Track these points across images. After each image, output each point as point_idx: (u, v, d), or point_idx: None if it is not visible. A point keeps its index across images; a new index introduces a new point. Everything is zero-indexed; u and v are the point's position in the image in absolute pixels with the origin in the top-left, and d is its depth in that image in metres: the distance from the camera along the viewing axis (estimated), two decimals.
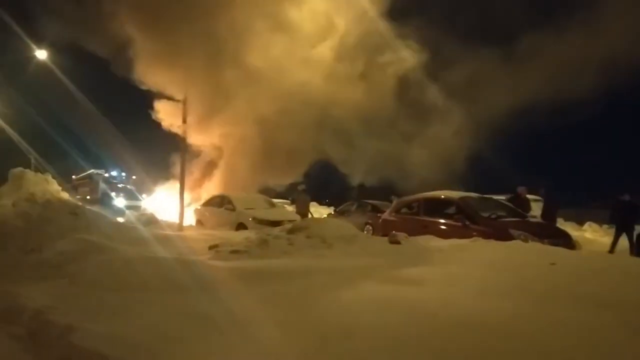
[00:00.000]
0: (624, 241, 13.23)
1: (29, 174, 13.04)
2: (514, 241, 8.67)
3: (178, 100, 23.01)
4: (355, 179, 26.20)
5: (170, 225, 16.76)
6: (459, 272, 5.85)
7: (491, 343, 3.39)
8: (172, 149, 23.28)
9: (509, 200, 13.79)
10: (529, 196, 14.58)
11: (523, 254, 7.10)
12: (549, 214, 14.14)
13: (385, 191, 22.18)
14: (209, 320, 4.09)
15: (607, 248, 13.42)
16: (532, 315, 4.00)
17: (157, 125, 24.99)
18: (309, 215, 18.40)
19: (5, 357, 3.92)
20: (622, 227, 13.28)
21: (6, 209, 11.39)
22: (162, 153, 26.00)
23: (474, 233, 9.69)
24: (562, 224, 16.96)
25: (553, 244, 8.94)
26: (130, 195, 25.29)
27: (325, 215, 23.24)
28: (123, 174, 29.55)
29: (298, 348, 3.46)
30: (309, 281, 5.54)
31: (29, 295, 5.08)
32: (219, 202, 18.64)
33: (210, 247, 9.72)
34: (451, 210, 11.48)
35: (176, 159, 23.95)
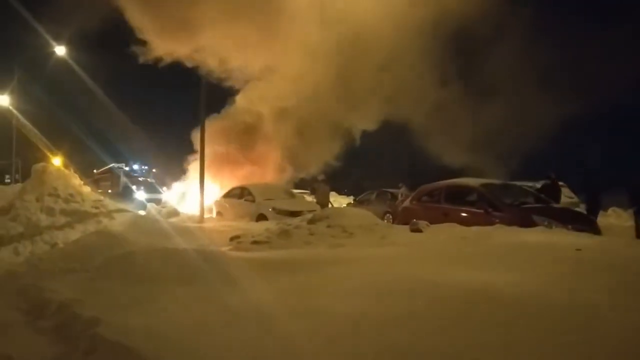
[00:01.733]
0: None
1: (51, 168, 13.17)
2: (537, 227, 8.56)
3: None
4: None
5: (190, 218, 16.89)
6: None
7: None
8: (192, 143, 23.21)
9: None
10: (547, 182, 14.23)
11: (547, 239, 6.99)
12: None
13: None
14: (233, 312, 4.08)
15: (631, 233, 13.12)
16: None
17: (177, 118, 25.06)
18: (329, 205, 18.39)
19: (32, 350, 3.96)
20: None
21: (30, 204, 11.54)
22: (182, 146, 26.15)
23: (497, 220, 9.57)
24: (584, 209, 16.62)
25: (577, 229, 8.82)
26: (151, 189, 25.46)
27: (345, 205, 23.19)
28: (144, 167, 29.81)
29: (320, 339, 3.43)
30: (330, 271, 5.51)
31: (55, 288, 5.13)
32: (238, 193, 18.74)
33: (232, 238, 9.78)
34: (473, 197, 11.36)
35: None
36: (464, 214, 10.80)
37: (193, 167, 23.24)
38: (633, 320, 3.49)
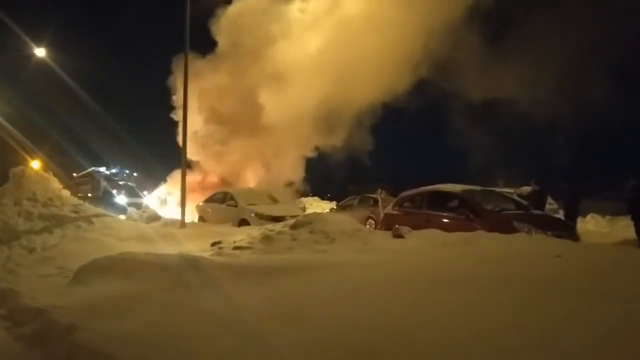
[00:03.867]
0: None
1: (30, 172, 12.97)
2: (517, 233, 8.64)
3: None
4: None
5: (172, 222, 16.75)
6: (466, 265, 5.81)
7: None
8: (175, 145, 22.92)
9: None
10: (527, 188, 14.21)
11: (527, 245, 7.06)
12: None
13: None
14: (213, 317, 4.06)
15: (609, 239, 13.28)
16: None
17: (159, 121, 24.75)
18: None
19: (10, 356, 3.90)
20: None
21: (8, 208, 11.35)
22: (163, 149, 25.99)
23: (477, 226, 9.64)
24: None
25: (557, 236, 8.92)
26: (131, 193, 25.21)
27: (328, 210, 23.21)
28: (125, 171, 29.49)
29: (302, 345, 3.42)
30: (312, 277, 5.50)
31: (33, 295, 5.07)
32: (221, 198, 18.65)
33: (213, 244, 9.70)
34: (454, 203, 11.43)
35: None
36: (445, 220, 10.85)
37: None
38: None
